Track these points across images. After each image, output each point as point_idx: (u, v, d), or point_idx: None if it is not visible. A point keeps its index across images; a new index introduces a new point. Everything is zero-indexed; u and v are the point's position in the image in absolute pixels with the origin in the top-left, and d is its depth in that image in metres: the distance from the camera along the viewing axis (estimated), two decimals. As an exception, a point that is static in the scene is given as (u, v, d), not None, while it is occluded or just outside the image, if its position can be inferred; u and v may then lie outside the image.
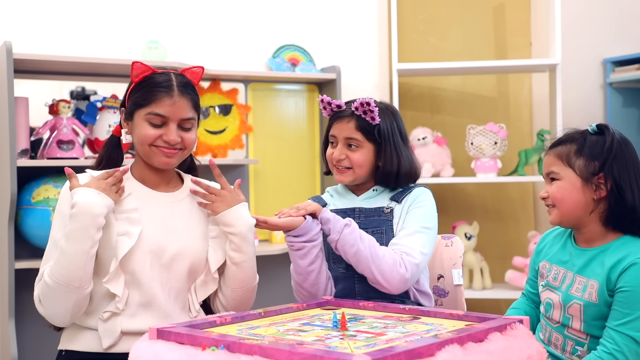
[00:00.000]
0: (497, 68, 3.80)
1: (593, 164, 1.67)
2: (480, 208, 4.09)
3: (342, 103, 1.99)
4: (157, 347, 1.43)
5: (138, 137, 1.84)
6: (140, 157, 1.89)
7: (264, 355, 1.28)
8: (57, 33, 3.23)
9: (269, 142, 3.65)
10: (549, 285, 1.77)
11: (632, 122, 4.07)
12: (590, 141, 1.70)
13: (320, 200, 2.08)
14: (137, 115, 1.83)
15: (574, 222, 1.73)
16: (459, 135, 3.90)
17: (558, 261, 1.77)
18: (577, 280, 1.70)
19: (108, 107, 3.03)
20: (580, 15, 4.09)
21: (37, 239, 2.88)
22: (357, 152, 1.96)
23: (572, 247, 1.76)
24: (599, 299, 1.65)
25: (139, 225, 1.80)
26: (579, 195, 1.69)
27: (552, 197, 1.72)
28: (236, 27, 3.63)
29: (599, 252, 1.69)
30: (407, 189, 2.01)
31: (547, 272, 1.79)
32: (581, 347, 1.69)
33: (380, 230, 1.95)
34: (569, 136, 1.74)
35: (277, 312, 1.71)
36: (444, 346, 1.31)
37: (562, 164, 1.71)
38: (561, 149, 1.72)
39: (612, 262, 1.65)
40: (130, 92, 1.85)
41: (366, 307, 1.75)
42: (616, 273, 1.63)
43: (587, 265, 1.70)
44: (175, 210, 1.88)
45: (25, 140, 2.89)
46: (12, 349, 2.70)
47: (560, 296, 1.72)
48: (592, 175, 1.67)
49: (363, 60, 3.89)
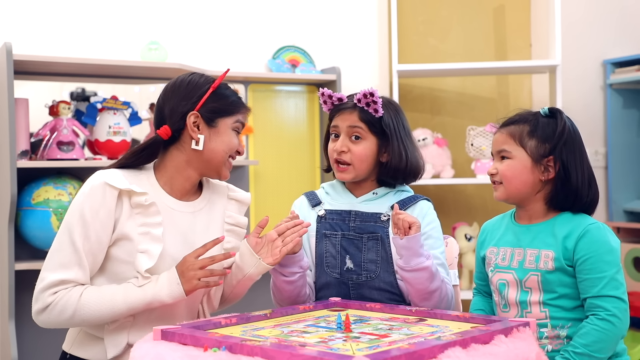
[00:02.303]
0: (497, 69, 3.80)
1: (544, 146, 1.73)
2: (480, 209, 4.08)
3: (344, 96, 1.93)
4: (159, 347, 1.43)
5: (226, 144, 1.80)
6: (184, 165, 1.80)
7: (264, 357, 1.28)
8: (57, 34, 3.23)
9: (269, 143, 3.64)
10: (497, 267, 1.79)
11: (632, 123, 4.07)
12: (542, 123, 1.75)
13: (314, 196, 2.01)
14: (223, 123, 1.79)
15: (519, 199, 1.78)
16: (459, 136, 3.90)
17: (504, 242, 1.81)
18: (528, 253, 1.74)
19: (108, 109, 3.03)
20: (581, 16, 4.09)
21: (37, 240, 2.88)
22: (360, 144, 1.89)
23: (515, 225, 1.80)
24: (556, 266, 1.69)
25: (160, 243, 1.73)
26: (528, 175, 1.74)
27: (502, 174, 1.76)
28: (236, 29, 3.63)
29: (546, 225, 1.74)
30: (409, 200, 1.93)
31: (495, 256, 1.81)
32: (545, 327, 1.70)
33: (375, 236, 1.88)
34: (522, 117, 1.78)
35: (283, 313, 1.70)
36: (447, 349, 1.30)
37: (515, 143, 1.75)
38: (514, 129, 1.76)
39: (564, 233, 1.70)
40: (209, 98, 1.79)
41: (373, 308, 1.75)
42: (572, 242, 1.68)
43: (535, 238, 1.74)
44: (195, 222, 1.83)
45: (26, 141, 2.88)
46: (12, 350, 2.70)
47: (514, 273, 1.75)
48: (542, 157, 1.73)
49: (363, 61, 3.89)
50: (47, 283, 1.68)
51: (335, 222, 1.93)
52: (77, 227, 1.69)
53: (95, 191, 1.70)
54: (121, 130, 3.01)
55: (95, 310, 1.67)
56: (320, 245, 1.93)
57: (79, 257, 1.68)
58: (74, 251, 1.68)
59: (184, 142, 1.79)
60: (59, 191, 2.86)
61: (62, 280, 1.68)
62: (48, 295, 1.68)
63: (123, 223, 1.71)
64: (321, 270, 1.93)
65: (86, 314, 1.67)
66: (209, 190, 1.91)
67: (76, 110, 3.09)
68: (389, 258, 1.88)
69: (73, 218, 1.70)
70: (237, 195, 1.94)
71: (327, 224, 1.94)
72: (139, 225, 1.72)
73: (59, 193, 2.86)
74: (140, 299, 1.68)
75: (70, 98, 3.26)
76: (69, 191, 2.89)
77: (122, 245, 1.72)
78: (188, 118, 1.77)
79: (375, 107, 1.87)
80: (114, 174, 1.73)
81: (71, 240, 1.69)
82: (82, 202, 1.70)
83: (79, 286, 1.70)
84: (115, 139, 3.00)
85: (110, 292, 1.69)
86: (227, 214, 1.89)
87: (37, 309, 1.70)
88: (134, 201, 1.72)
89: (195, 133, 1.77)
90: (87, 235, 1.68)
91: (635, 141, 4.10)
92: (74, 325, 1.72)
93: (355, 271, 1.88)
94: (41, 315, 1.70)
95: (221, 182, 1.95)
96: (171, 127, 1.78)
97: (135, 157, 1.80)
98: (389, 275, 1.87)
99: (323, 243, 1.93)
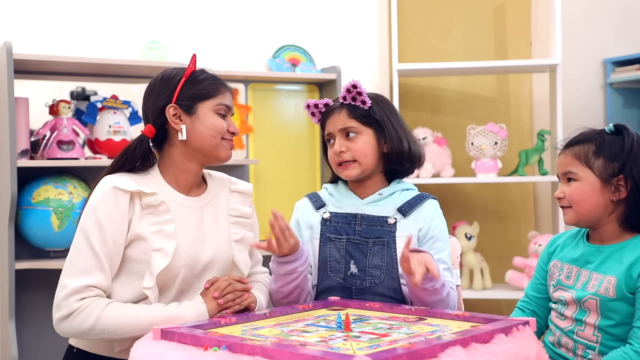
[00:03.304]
0: (498, 68, 3.80)
1: (612, 164, 1.66)
2: (480, 208, 4.08)
3: (329, 100, 1.92)
4: (159, 347, 1.43)
5: (211, 128, 1.80)
6: (181, 158, 1.82)
7: (265, 356, 1.28)
8: (57, 33, 3.23)
9: (269, 142, 3.64)
10: (560, 284, 1.75)
11: (633, 122, 4.07)
12: (608, 141, 1.68)
13: (318, 198, 1.98)
14: (203, 107, 1.80)
15: (591, 223, 1.71)
16: (459, 135, 3.90)
17: (570, 260, 1.75)
18: (593, 277, 1.68)
19: (108, 108, 3.03)
20: (581, 15, 4.09)
21: (37, 239, 2.88)
22: (358, 140, 1.86)
23: (586, 245, 1.75)
24: (617, 293, 1.63)
25: (173, 240, 1.73)
26: (598, 196, 1.67)
27: (570, 198, 1.70)
28: (236, 28, 3.63)
29: (616, 249, 1.68)
30: (415, 200, 1.90)
31: (558, 270, 1.77)
32: (592, 350, 1.67)
33: (382, 241, 1.86)
34: (586, 136, 1.71)
35: (283, 313, 1.70)
36: (447, 348, 1.30)
37: (581, 164, 1.68)
38: (579, 149, 1.70)
39: (631, 260, 1.63)
40: (183, 88, 1.79)
41: (372, 307, 1.74)
42: (637, 270, 1.61)
43: (603, 262, 1.68)
44: (203, 216, 1.84)
45: (26, 140, 2.88)
46: (13, 349, 2.70)
47: (574, 293, 1.70)
48: (611, 177, 1.66)
49: (363, 60, 3.89)
50: (72, 289, 1.67)
51: (341, 225, 1.90)
52: (94, 232, 1.69)
53: (107, 196, 1.71)
54: (121, 129, 3.01)
55: (117, 321, 1.66)
56: (324, 248, 1.90)
57: (99, 261, 1.68)
58: (94, 256, 1.68)
59: (173, 137, 1.82)
60: (59, 190, 2.86)
61: (87, 286, 1.67)
62: (74, 301, 1.66)
63: (136, 224, 1.73)
64: (324, 274, 1.90)
65: (108, 323, 1.65)
66: (213, 184, 1.92)
67: (76, 109, 3.09)
68: (394, 263, 1.84)
69: (89, 224, 1.70)
70: (239, 187, 1.95)
71: (332, 227, 1.90)
72: (152, 225, 1.74)
73: (59, 192, 2.86)
74: (163, 314, 1.67)
75: (70, 97, 3.25)
76: (69, 190, 2.89)
77: (137, 245, 1.73)
78: (167, 111, 1.79)
79: (361, 98, 1.86)
80: (122, 178, 1.75)
81: (90, 246, 1.69)
82: (95, 207, 1.71)
83: (105, 298, 1.69)
84: (116, 138, 3.00)
85: (135, 307, 1.69)
86: (231, 206, 1.90)
87: (61, 316, 1.67)
88: (144, 202, 1.74)
89: (177, 124, 1.79)
90: (105, 240, 1.69)
91: (635, 140, 4.09)
92: (93, 336, 1.68)
93: (359, 276, 1.86)
94: (63, 323, 1.68)
95: (223, 175, 1.97)
96: (154, 124, 1.80)
97: (124, 160, 1.80)
98: (393, 282, 1.84)
99: (327, 247, 1.90)
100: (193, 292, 1.80)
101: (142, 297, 1.73)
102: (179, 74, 1.82)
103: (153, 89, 1.83)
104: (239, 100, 3.53)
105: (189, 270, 1.77)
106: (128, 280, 1.74)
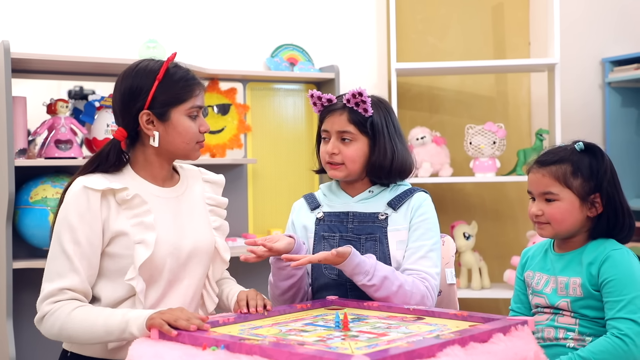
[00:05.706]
0: (496, 68, 3.80)
1: (589, 184, 1.76)
2: (478, 208, 4.08)
3: (333, 97, 1.94)
4: (157, 347, 1.43)
5: (182, 136, 1.79)
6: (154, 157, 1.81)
7: (263, 356, 1.28)
8: (55, 32, 3.22)
9: (268, 141, 3.64)
10: (534, 291, 1.85)
11: (631, 121, 4.07)
12: (584, 161, 1.77)
13: (314, 199, 2.03)
14: (176, 113, 1.78)
15: (566, 236, 1.82)
16: (457, 134, 3.90)
17: (540, 268, 1.86)
18: (558, 281, 1.79)
19: (106, 107, 3.02)
20: (579, 15, 4.09)
21: (35, 238, 2.87)
22: (351, 146, 1.90)
23: (553, 254, 1.85)
24: (584, 292, 1.74)
25: (153, 230, 1.74)
26: (577, 214, 1.77)
27: (550, 217, 1.78)
28: (234, 27, 3.62)
29: (576, 254, 1.79)
30: (405, 194, 1.94)
31: (531, 279, 1.87)
32: (572, 332, 1.76)
33: (374, 237, 1.89)
34: (558, 155, 1.80)
35: (281, 312, 1.70)
36: (445, 347, 1.30)
37: (560, 184, 1.77)
38: (556, 169, 1.78)
39: (588, 260, 1.75)
40: (156, 91, 1.77)
41: (370, 307, 1.75)
42: (595, 268, 1.73)
43: (566, 267, 1.79)
44: (180, 205, 1.85)
45: (23, 139, 2.88)
46: (10, 349, 2.70)
47: (546, 298, 1.81)
48: (587, 195, 1.76)
49: (362, 59, 3.89)
50: (46, 293, 1.69)
51: (334, 224, 1.94)
52: (66, 234, 1.70)
53: (77, 196, 1.71)
54: (119, 128, 3.01)
55: (79, 327, 1.65)
56: (318, 247, 1.94)
57: (71, 262, 1.69)
58: (66, 258, 1.69)
59: (145, 139, 1.81)
60: (57, 189, 2.86)
61: (60, 289, 1.68)
62: (47, 304, 1.68)
63: (114, 221, 1.73)
64: (319, 272, 1.94)
65: (72, 329, 1.65)
66: (185, 174, 1.94)
67: (74, 108, 3.08)
68: (387, 258, 1.88)
69: (61, 226, 1.71)
70: (211, 177, 1.97)
71: (325, 226, 1.95)
72: (130, 218, 1.74)
73: (57, 191, 2.85)
74: (117, 324, 1.61)
75: (68, 96, 3.25)
76: (67, 190, 2.89)
77: (119, 241, 1.73)
78: (140, 118, 1.78)
79: (364, 106, 1.89)
80: (93, 178, 1.75)
81: (62, 248, 1.69)
82: (66, 209, 1.71)
83: (75, 301, 1.69)
84: (113, 138, 2.99)
85: (96, 314, 1.66)
86: (206, 195, 1.93)
87: (36, 319, 1.71)
88: (119, 198, 1.74)
89: (150, 130, 1.78)
90: (77, 241, 1.69)
91: (633, 139, 4.10)
92: (66, 341, 1.69)
93: None
94: (40, 326, 1.71)
95: (192, 167, 1.99)
96: (126, 128, 1.80)
97: (97, 163, 1.79)
98: None
99: (321, 245, 1.94)
100: (181, 282, 1.81)
101: (133, 293, 1.73)
102: (151, 78, 1.78)
103: (125, 91, 1.80)
104: (237, 99, 3.52)
105: (174, 260, 1.78)
106: (117, 278, 1.74)
